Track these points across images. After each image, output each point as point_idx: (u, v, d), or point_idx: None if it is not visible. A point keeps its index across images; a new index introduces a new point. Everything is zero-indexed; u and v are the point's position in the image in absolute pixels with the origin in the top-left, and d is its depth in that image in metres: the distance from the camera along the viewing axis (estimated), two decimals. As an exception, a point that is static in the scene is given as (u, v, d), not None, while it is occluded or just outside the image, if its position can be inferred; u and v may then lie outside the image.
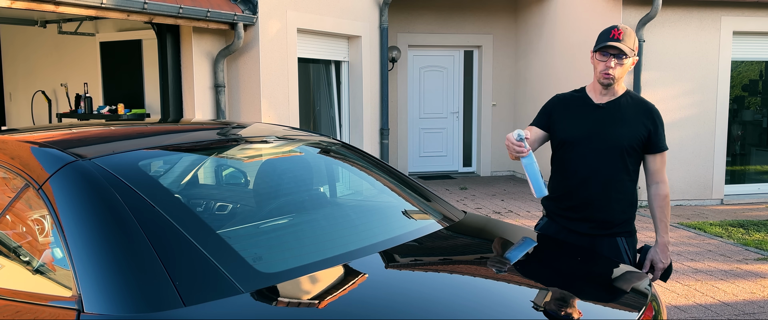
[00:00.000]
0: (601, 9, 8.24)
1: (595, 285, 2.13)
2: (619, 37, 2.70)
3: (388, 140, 9.01)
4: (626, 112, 2.79)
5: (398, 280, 1.93)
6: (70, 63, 8.44)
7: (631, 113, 2.79)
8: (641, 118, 2.78)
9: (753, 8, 8.11)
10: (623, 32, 2.71)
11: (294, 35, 7.11)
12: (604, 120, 2.79)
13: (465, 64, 10.88)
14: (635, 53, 2.75)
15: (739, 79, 8.64)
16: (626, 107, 2.81)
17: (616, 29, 2.73)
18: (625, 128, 2.77)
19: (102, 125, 2.90)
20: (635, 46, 2.75)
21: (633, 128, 2.77)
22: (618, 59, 2.71)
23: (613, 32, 2.73)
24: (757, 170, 8.94)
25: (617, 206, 2.80)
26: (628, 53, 2.70)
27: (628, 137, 2.76)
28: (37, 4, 4.97)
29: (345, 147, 3.01)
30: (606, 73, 2.75)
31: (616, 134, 2.76)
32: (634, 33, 2.83)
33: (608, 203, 2.78)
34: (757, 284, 4.94)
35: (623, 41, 2.70)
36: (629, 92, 2.88)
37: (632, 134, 2.76)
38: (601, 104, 2.82)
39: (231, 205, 2.69)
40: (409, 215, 2.61)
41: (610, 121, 2.79)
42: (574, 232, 2.84)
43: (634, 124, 2.77)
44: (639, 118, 2.78)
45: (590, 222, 2.81)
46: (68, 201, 1.85)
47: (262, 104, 6.74)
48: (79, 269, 1.70)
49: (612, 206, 2.79)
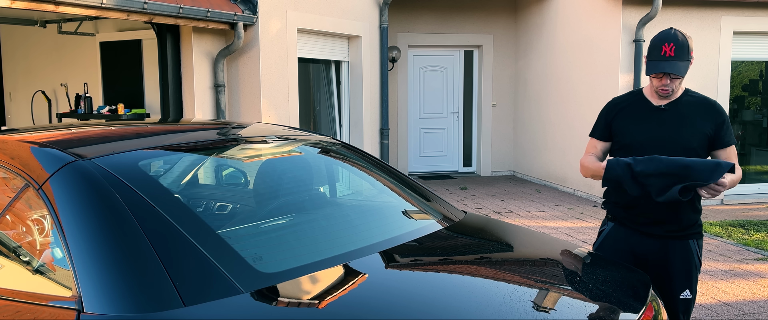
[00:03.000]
0: (601, 9, 8.24)
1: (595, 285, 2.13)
2: (671, 53, 2.61)
3: (388, 140, 9.01)
4: (688, 111, 2.73)
5: (398, 280, 1.93)
6: (70, 63, 8.44)
7: (694, 112, 2.72)
8: (705, 116, 2.71)
9: (753, 8, 8.11)
10: (675, 45, 2.61)
11: (294, 35, 7.11)
12: (667, 122, 2.73)
13: (465, 64, 10.88)
14: (691, 56, 2.65)
15: (739, 79, 8.64)
16: (688, 106, 2.74)
17: (666, 43, 2.62)
18: (689, 128, 2.70)
19: (102, 125, 2.90)
20: (692, 49, 2.65)
21: (697, 127, 2.70)
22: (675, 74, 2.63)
23: (665, 49, 2.62)
24: (757, 170, 8.94)
25: (689, 207, 2.74)
26: (683, 70, 2.62)
27: (694, 137, 2.69)
28: (37, 4, 4.97)
29: (345, 147, 3.01)
30: (663, 89, 2.70)
31: (682, 135, 2.70)
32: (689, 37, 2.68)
33: (680, 205, 2.70)
34: (757, 284, 4.93)
35: (676, 57, 2.61)
36: (688, 91, 2.80)
37: (697, 134, 2.70)
38: (662, 106, 2.76)
39: (231, 205, 2.69)
40: (409, 216, 2.61)
41: (674, 123, 2.72)
42: (647, 235, 2.79)
43: (698, 123, 2.70)
44: (702, 116, 2.71)
45: (664, 225, 2.76)
46: (68, 201, 1.85)
47: (262, 104, 6.74)
48: (79, 269, 1.70)
49: (684, 208, 2.73)
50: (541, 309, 1.79)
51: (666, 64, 2.63)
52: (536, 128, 10.07)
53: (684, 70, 2.64)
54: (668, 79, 2.66)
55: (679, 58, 2.62)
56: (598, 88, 8.32)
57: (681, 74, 2.64)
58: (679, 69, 2.63)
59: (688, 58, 2.63)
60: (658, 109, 2.76)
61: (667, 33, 2.67)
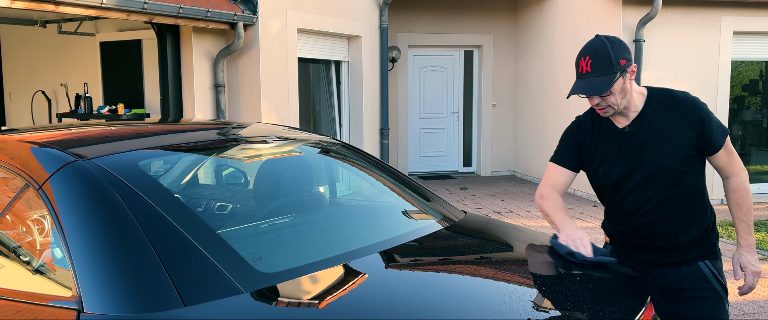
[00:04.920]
0: (601, 9, 8.24)
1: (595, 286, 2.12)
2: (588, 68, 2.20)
3: (388, 140, 9.01)
4: (659, 124, 2.28)
5: (398, 280, 1.93)
6: (70, 63, 8.44)
7: (666, 122, 2.28)
8: (679, 121, 2.27)
9: (753, 8, 8.11)
10: (591, 58, 2.20)
11: (294, 35, 7.11)
12: (638, 145, 2.30)
13: (465, 64, 10.88)
14: (622, 66, 2.21)
15: (739, 79, 8.64)
16: (656, 117, 2.29)
17: (582, 58, 2.22)
18: (667, 143, 2.26)
19: (102, 125, 2.90)
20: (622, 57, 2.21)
21: (676, 140, 2.26)
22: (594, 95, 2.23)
23: (581, 64, 2.22)
24: (757, 170, 8.94)
25: (687, 228, 2.32)
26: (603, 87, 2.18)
27: (676, 156, 2.26)
28: (37, 4, 4.97)
29: (345, 147, 3.01)
30: (598, 109, 2.30)
31: (660, 156, 2.27)
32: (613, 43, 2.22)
33: (675, 227, 2.32)
34: (758, 284, 4.93)
35: (594, 72, 2.19)
36: (653, 95, 2.34)
37: (678, 148, 2.26)
38: (626, 128, 2.33)
39: (231, 205, 2.69)
40: (409, 216, 2.61)
41: (646, 144, 2.29)
42: (644, 263, 2.39)
43: (674, 135, 2.26)
44: (676, 123, 2.27)
45: (660, 252, 2.36)
46: (68, 201, 1.85)
47: (262, 104, 6.74)
48: (79, 269, 1.69)
49: (680, 230, 2.32)
50: (540, 309, 1.79)
51: (581, 84, 2.22)
52: (536, 128, 10.07)
53: (606, 87, 2.18)
54: (597, 98, 2.24)
55: (598, 73, 2.19)
56: (598, 88, 8.32)
57: (601, 93, 2.19)
58: (597, 87, 2.18)
59: (612, 70, 2.18)
60: (623, 133, 2.33)
61: (587, 45, 2.25)
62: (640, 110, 2.32)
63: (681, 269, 2.34)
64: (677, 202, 2.31)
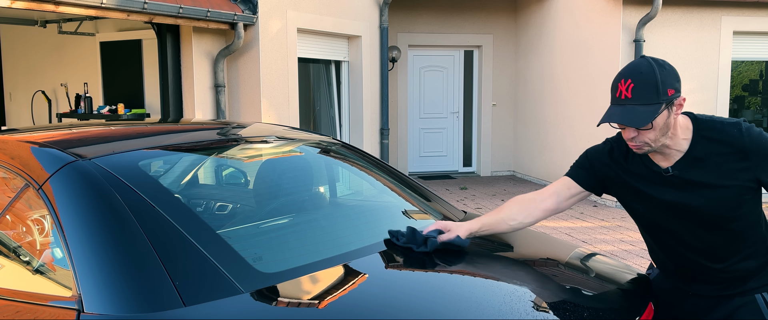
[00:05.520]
0: (601, 9, 8.24)
1: (595, 286, 2.12)
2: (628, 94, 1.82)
3: (388, 140, 9.01)
4: (711, 165, 1.91)
5: (398, 280, 1.93)
6: (70, 63, 8.45)
7: (720, 162, 1.91)
8: (736, 165, 1.90)
9: (753, 8, 8.11)
10: (634, 82, 1.82)
11: (294, 35, 7.11)
12: (682, 192, 1.95)
13: (465, 64, 10.88)
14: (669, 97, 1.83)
15: (739, 79, 8.64)
16: (707, 157, 1.92)
17: (623, 80, 1.84)
18: (720, 191, 1.91)
19: (102, 125, 2.90)
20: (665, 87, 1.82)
21: (731, 187, 1.91)
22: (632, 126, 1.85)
23: (620, 88, 1.84)
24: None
25: (740, 263, 2.01)
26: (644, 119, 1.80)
27: (730, 201, 1.92)
28: (37, 4, 4.97)
29: (345, 147, 3.01)
30: (632, 144, 1.92)
31: (709, 205, 1.93)
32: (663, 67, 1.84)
33: (726, 266, 2.02)
34: (757, 284, 4.93)
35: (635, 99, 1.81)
36: (700, 131, 1.94)
37: (733, 195, 1.91)
38: (669, 169, 1.96)
39: (231, 205, 2.69)
40: (409, 215, 2.61)
41: (693, 192, 1.94)
42: (694, 295, 2.11)
43: (730, 179, 1.91)
44: (733, 166, 1.90)
45: (713, 285, 2.07)
46: (68, 201, 1.85)
47: (262, 104, 6.74)
48: (79, 269, 1.69)
49: (732, 267, 2.02)
50: (541, 309, 1.79)
51: (617, 112, 1.84)
52: (536, 128, 10.07)
53: (647, 119, 1.80)
54: (633, 131, 1.87)
55: (639, 101, 1.81)
56: (598, 88, 8.32)
57: (641, 126, 1.81)
58: (636, 118, 1.80)
59: (657, 99, 1.80)
60: (668, 176, 1.97)
61: (630, 65, 1.86)
62: (687, 150, 1.93)
63: (734, 301, 2.04)
64: (729, 242, 2.00)
